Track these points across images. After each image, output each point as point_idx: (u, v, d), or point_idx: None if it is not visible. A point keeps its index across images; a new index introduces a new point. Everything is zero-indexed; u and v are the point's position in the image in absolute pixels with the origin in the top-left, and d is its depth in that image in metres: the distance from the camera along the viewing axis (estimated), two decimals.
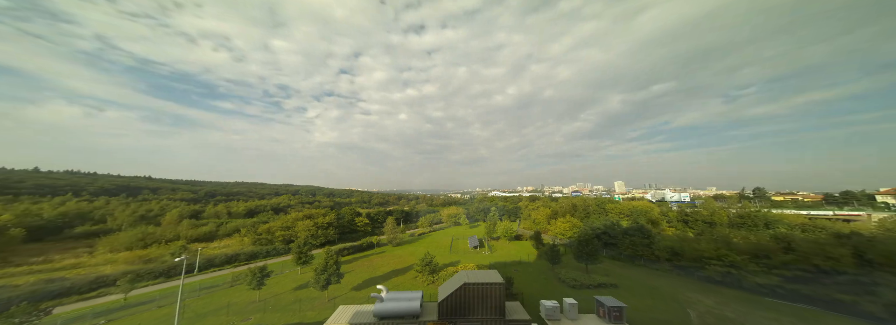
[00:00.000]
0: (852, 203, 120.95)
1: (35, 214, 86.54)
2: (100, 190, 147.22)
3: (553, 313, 30.61)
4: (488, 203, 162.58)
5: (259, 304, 37.14)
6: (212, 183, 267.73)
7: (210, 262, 57.11)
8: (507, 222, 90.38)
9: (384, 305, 27.20)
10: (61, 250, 70.28)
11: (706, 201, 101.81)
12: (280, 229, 77.10)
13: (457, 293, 27.56)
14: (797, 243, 41.01)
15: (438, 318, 27.39)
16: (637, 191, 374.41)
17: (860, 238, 38.38)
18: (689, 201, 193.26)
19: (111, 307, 36.97)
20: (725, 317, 32.58)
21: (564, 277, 45.33)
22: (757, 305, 36.21)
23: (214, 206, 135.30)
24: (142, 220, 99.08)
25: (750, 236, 45.91)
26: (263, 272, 39.08)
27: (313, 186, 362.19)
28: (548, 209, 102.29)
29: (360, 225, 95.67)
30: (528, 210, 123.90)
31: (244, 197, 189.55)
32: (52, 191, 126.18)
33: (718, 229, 51.84)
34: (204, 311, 35.17)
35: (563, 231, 75.85)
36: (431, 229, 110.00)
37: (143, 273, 47.69)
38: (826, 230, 45.45)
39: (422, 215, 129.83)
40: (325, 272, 37.07)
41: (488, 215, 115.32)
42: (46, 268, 54.85)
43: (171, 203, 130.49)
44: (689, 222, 70.48)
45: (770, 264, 40.26)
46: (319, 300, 38.01)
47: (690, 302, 36.99)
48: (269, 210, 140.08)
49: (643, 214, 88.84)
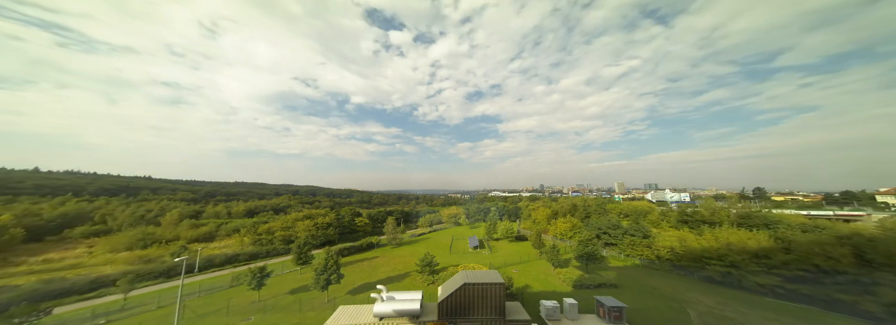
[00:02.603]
0: (852, 203, 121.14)
1: (35, 214, 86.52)
2: (100, 190, 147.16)
3: (553, 313, 30.61)
4: (488, 203, 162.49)
5: (259, 304, 37.15)
6: (211, 183, 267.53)
7: (210, 262, 57.14)
8: (507, 222, 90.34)
9: (384, 305, 27.18)
10: (61, 250, 70.34)
11: (706, 201, 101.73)
12: (280, 230, 77.16)
13: (457, 293, 27.54)
14: (797, 243, 41.01)
15: (438, 318, 27.37)
16: (637, 191, 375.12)
17: (860, 238, 38.32)
18: (689, 200, 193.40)
19: (111, 307, 36.99)
20: (725, 317, 32.56)
21: (564, 277, 45.37)
22: (757, 305, 36.20)
23: (214, 206, 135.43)
24: (142, 220, 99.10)
25: (750, 236, 45.87)
26: (263, 272, 39.07)
27: (313, 186, 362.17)
28: (548, 209, 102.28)
29: (360, 225, 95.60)
30: (529, 210, 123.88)
31: (244, 197, 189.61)
32: (52, 191, 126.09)
33: (719, 230, 51.76)
34: (204, 311, 35.18)
35: (564, 231, 75.83)
36: (431, 230, 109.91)
37: (143, 273, 47.70)
38: (826, 230, 45.30)
39: (422, 215, 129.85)
40: (325, 273, 37.06)
41: (488, 216, 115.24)
42: (46, 268, 54.84)
43: (171, 203, 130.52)
44: (689, 222, 70.40)
45: (770, 264, 40.23)
46: (319, 300, 38.01)
47: (690, 302, 36.98)
48: (269, 210, 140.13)
49: (643, 214, 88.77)
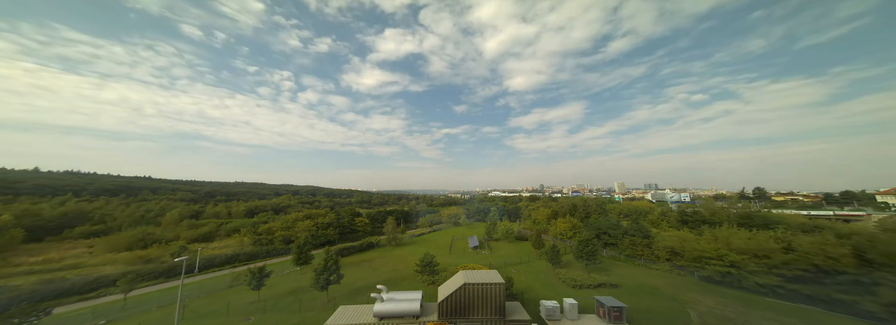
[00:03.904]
0: (852, 203, 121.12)
1: (35, 214, 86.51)
2: (100, 190, 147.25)
3: (553, 313, 30.62)
4: (488, 203, 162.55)
5: (259, 304, 37.14)
6: (211, 183, 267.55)
7: (210, 262, 57.20)
8: (507, 222, 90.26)
9: (384, 305, 27.19)
10: (61, 250, 70.31)
11: (706, 201, 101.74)
12: (280, 230, 77.22)
13: (457, 293, 27.55)
14: (797, 243, 41.00)
15: (438, 318, 27.38)
16: (637, 191, 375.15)
17: (860, 238, 38.33)
18: (689, 200, 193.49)
19: (111, 307, 37.01)
20: (725, 317, 32.55)
21: (564, 277, 45.36)
22: (757, 305, 36.20)
23: (214, 206, 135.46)
24: (141, 220, 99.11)
25: (750, 236, 45.85)
26: (263, 272, 39.08)
27: (313, 186, 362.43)
28: (548, 209, 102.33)
29: (359, 225, 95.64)
30: (529, 210, 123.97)
31: (244, 197, 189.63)
32: (52, 191, 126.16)
33: (719, 230, 51.71)
34: (204, 311, 35.18)
35: (564, 231, 75.84)
36: (431, 230, 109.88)
37: (143, 273, 47.73)
38: (826, 230, 45.27)
39: (422, 215, 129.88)
40: (325, 273, 37.05)
41: (488, 216, 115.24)
42: (46, 268, 54.81)
43: (171, 203, 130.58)
44: (689, 222, 70.41)
45: (770, 264, 40.23)
46: (319, 300, 38.01)
47: (690, 302, 36.97)
48: (269, 210, 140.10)
49: (643, 214, 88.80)
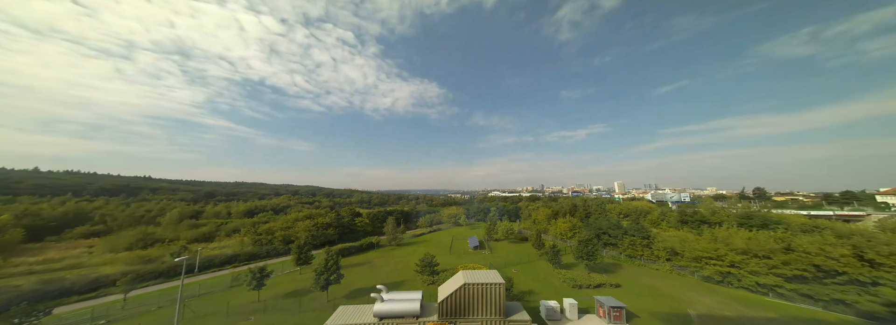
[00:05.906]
0: (852, 203, 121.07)
1: (35, 214, 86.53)
2: (100, 190, 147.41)
3: (553, 313, 30.63)
4: (488, 203, 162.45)
5: (259, 304, 37.13)
6: (211, 183, 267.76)
7: (210, 262, 57.12)
8: (507, 222, 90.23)
9: (384, 305, 27.15)
10: (61, 250, 70.27)
11: (706, 201, 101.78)
12: (280, 230, 77.15)
13: (457, 293, 27.52)
14: (797, 243, 41.04)
15: (438, 318, 27.35)
16: (637, 191, 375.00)
17: (860, 238, 38.38)
18: (689, 201, 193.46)
19: (111, 307, 36.98)
20: (725, 317, 32.57)
21: (564, 277, 45.37)
22: (757, 305, 36.21)
23: (214, 206, 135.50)
24: (141, 220, 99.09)
25: (750, 236, 45.91)
26: (263, 272, 39.08)
27: (313, 186, 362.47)
28: (548, 209, 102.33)
29: (359, 225, 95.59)
30: (529, 210, 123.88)
31: (244, 197, 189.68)
32: (52, 191, 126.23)
33: (719, 230, 51.78)
34: (204, 311, 35.16)
35: (564, 231, 75.85)
36: (431, 230, 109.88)
37: (143, 274, 47.65)
38: (826, 230, 45.31)
39: (422, 215, 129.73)
40: (325, 273, 37.06)
41: (488, 216, 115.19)
42: (46, 268, 54.76)
43: (171, 203, 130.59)
44: (690, 222, 70.50)
45: (770, 264, 40.28)
46: (319, 300, 38.01)
47: (690, 302, 36.98)
48: (269, 210, 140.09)
49: (643, 214, 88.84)
